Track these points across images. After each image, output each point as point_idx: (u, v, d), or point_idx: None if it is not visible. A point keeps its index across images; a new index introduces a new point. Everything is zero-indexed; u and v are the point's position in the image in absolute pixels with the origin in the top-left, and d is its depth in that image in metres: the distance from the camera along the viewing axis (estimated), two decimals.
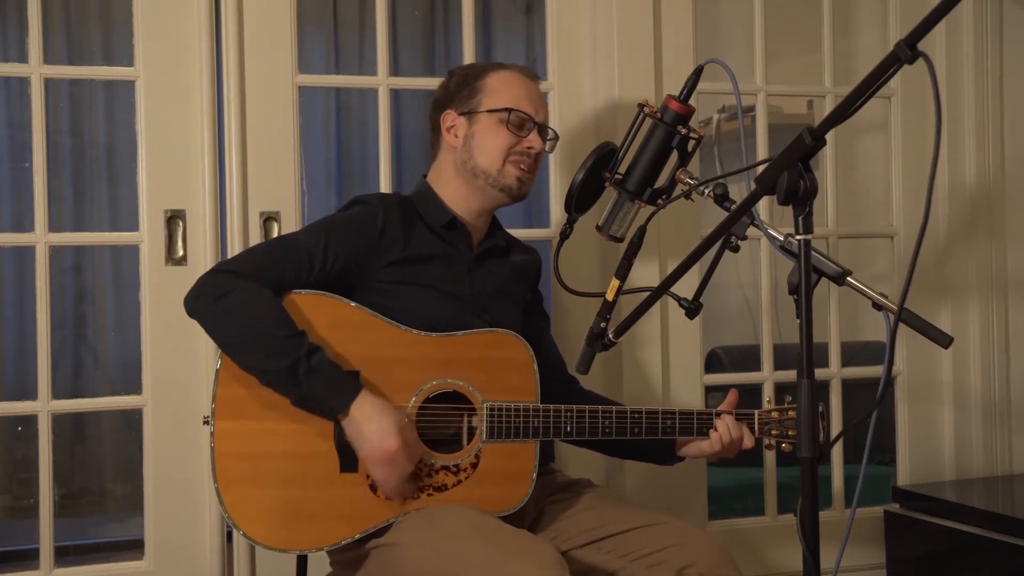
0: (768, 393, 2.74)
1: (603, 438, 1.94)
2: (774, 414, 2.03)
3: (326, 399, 1.79)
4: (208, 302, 1.81)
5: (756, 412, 2.04)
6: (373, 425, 1.78)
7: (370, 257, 1.94)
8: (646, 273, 2.56)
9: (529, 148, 2.02)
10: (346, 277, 1.93)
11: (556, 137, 2.13)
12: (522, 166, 2.02)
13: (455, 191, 2.06)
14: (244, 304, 1.80)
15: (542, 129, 2.06)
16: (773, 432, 2.03)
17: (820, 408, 1.91)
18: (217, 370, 1.83)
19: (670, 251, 2.61)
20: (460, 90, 2.07)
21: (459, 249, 2.05)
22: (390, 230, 1.96)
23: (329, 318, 1.85)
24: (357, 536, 1.84)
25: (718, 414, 2.00)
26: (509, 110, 2.01)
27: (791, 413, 2.03)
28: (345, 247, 1.93)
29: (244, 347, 1.79)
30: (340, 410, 1.79)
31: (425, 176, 2.12)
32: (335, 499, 1.83)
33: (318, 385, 1.77)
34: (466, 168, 2.04)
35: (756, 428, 2.03)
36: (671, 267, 1.92)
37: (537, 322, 2.19)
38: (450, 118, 2.07)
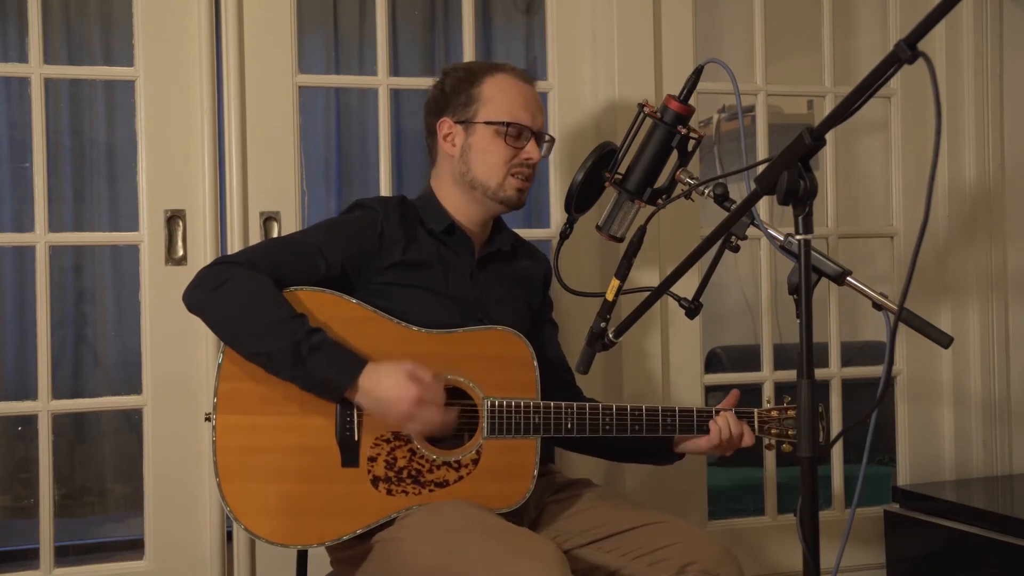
0: (768, 393, 2.74)
1: (603, 435, 1.94)
2: (774, 413, 2.04)
3: (332, 376, 1.78)
4: (205, 292, 1.82)
5: (756, 411, 2.04)
6: (384, 385, 1.78)
7: (370, 259, 1.95)
8: (646, 273, 2.56)
9: (527, 159, 2.02)
10: (345, 279, 1.93)
11: (552, 140, 2.11)
12: (521, 176, 2.02)
13: (454, 200, 2.06)
14: (241, 291, 1.81)
15: (539, 136, 2.05)
16: (772, 431, 2.03)
17: (819, 408, 1.93)
18: (219, 364, 1.83)
19: (670, 251, 2.61)
20: (457, 96, 2.04)
21: (460, 255, 2.04)
22: (389, 233, 1.96)
23: (330, 314, 1.86)
24: (359, 531, 1.84)
25: (717, 411, 2.01)
26: (507, 123, 2.00)
27: (790, 412, 2.03)
28: (345, 248, 1.93)
29: (245, 334, 1.79)
30: (347, 385, 1.78)
31: (429, 181, 2.12)
32: (337, 494, 1.83)
33: (322, 363, 1.77)
34: (464, 180, 2.03)
35: (756, 426, 2.03)
36: (671, 267, 1.92)
37: (545, 330, 2.18)
38: (446, 126, 2.05)
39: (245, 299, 1.80)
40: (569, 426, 1.92)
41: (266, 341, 1.78)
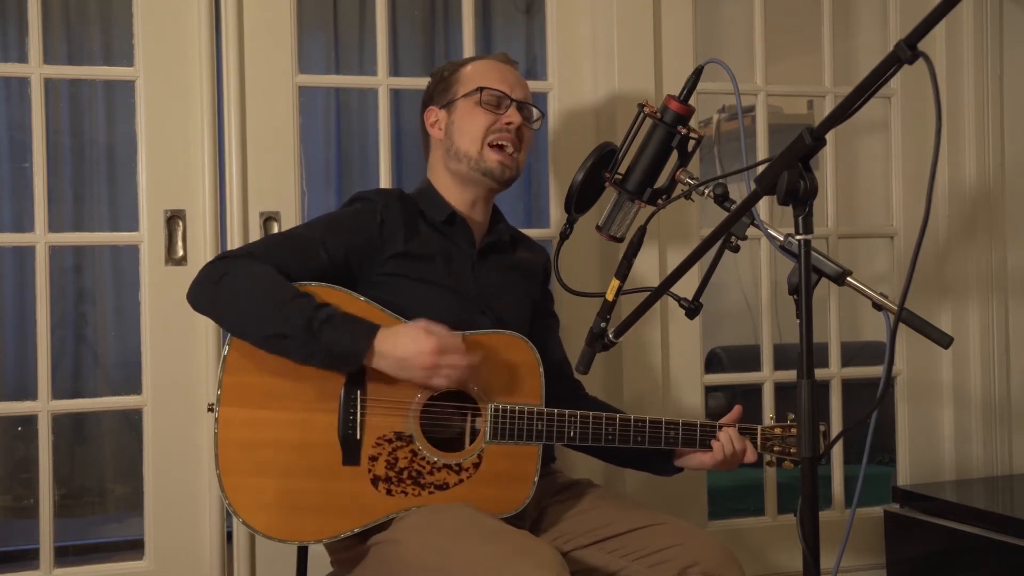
0: (768, 395, 2.73)
1: (605, 444, 1.94)
2: (777, 430, 2.03)
3: (348, 344, 1.78)
4: (209, 287, 1.82)
5: (759, 427, 2.03)
6: (402, 342, 1.78)
7: (371, 251, 1.95)
8: (646, 273, 2.56)
9: (508, 124, 2.03)
10: (348, 271, 1.93)
11: (541, 116, 2.13)
12: (503, 143, 2.03)
13: (447, 184, 2.07)
14: (243, 279, 1.81)
15: (522, 107, 2.07)
16: (776, 448, 2.03)
17: (822, 428, 1.93)
18: (224, 356, 1.82)
19: (670, 250, 2.61)
20: (439, 86, 2.11)
21: (461, 245, 2.05)
22: (390, 223, 1.97)
23: None
24: (357, 530, 1.84)
25: (720, 427, 2.00)
26: (481, 88, 2.03)
27: (794, 431, 2.03)
28: (347, 240, 1.93)
29: (253, 320, 1.79)
30: (364, 351, 1.78)
31: (426, 174, 2.13)
32: (336, 492, 1.83)
33: (336, 332, 1.77)
34: (450, 155, 2.06)
35: (759, 443, 2.03)
36: (671, 266, 1.92)
37: (545, 323, 2.18)
38: (432, 114, 2.11)
39: (248, 286, 1.81)
40: (572, 434, 1.92)
41: (276, 322, 1.77)
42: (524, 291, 2.14)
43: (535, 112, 2.11)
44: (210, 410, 1.84)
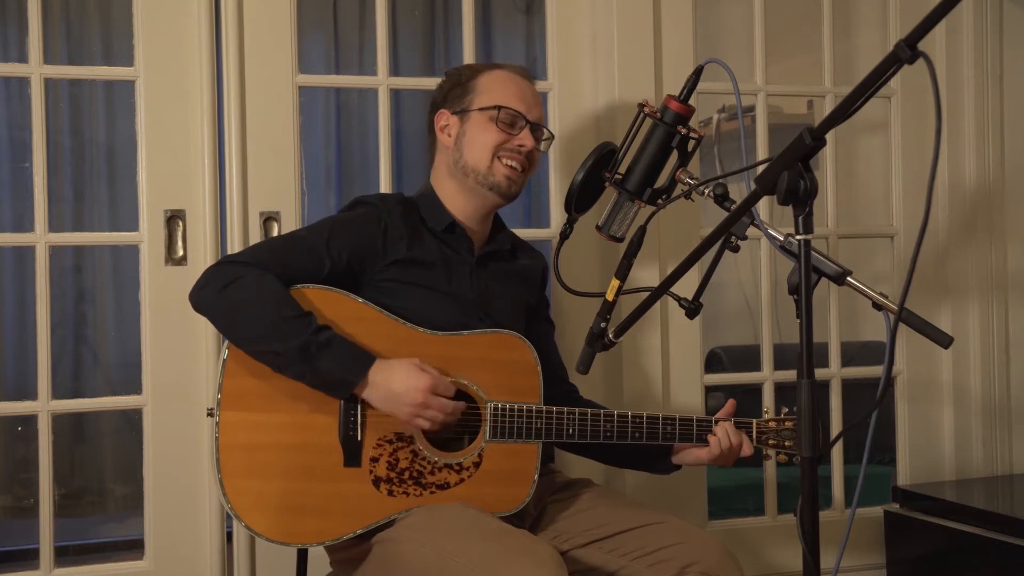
0: (768, 395, 2.74)
1: (604, 441, 1.95)
2: (772, 424, 2.05)
3: (342, 372, 1.79)
4: (213, 292, 1.82)
5: (754, 421, 2.05)
6: (396, 379, 1.79)
7: (374, 255, 1.95)
8: (646, 273, 2.56)
9: (520, 146, 2.02)
10: (350, 275, 1.93)
11: (551, 137, 2.12)
12: (512, 163, 2.02)
13: (450, 193, 2.07)
14: (249, 290, 1.81)
15: (535, 128, 2.05)
16: (770, 442, 2.05)
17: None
18: (224, 360, 1.82)
19: (670, 251, 2.61)
20: (453, 90, 2.08)
21: (460, 253, 2.05)
22: (393, 229, 1.97)
23: (336, 312, 1.86)
24: (359, 532, 1.84)
25: (716, 421, 2.01)
26: (499, 107, 2.01)
27: (788, 424, 2.04)
28: (349, 244, 1.93)
29: (253, 333, 1.79)
30: (357, 381, 1.79)
31: (429, 178, 2.13)
32: (338, 494, 1.83)
33: (332, 360, 1.77)
34: (457, 167, 2.04)
35: (754, 437, 2.04)
36: (671, 267, 1.92)
37: (541, 328, 2.18)
38: (443, 118, 2.08)
39: (253, 298, 1.81)
40: (571, 431, 1.93)
41: (274, 340, 1.78)
42: (521, 297, 2.14)
43: (545, 132, 2.09)
44: (209, 415, 1.84)
